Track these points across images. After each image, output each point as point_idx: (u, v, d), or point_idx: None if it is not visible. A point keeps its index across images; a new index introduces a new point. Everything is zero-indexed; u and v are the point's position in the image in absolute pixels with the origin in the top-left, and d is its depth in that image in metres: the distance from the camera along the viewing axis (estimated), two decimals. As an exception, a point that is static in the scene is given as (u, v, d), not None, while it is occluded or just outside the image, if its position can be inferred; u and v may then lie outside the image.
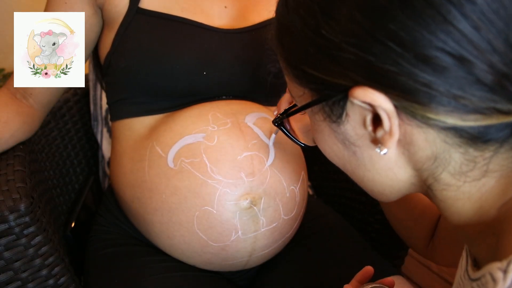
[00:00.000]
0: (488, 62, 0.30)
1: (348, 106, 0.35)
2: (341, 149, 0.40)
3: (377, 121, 0.35)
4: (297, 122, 0.60)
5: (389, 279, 0.55)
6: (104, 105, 0.96)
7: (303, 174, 0.70)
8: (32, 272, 0.63)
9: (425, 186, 0.39)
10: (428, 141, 0.34)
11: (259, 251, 0.65)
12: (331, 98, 0.36)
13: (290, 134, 0.55)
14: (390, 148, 0.36)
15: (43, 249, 0.63)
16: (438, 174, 0.36)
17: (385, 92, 0.32)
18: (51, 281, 0.65)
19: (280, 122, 0.54)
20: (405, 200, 0.64)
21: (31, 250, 0.61)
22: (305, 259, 0.73)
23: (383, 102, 0.32)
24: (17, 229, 0.59)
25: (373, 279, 0.65)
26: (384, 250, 0.82)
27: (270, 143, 0.65)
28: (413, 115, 0.33)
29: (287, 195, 0.65)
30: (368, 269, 0.56)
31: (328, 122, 0.38)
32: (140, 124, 0.70)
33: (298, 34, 0.36)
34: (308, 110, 0.41)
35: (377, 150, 0.37)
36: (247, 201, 0.61)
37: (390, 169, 0.38)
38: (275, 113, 0.67)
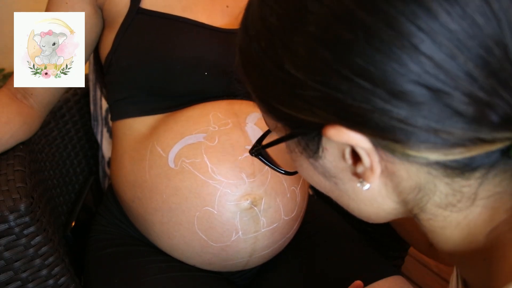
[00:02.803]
0: (467, 92, 0.27)
1: (324, 140, 0.33)
2: (322, 180, 0.38)
3: (357, 154, 0.33)
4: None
5: None
6: (104, 105, 0.95)
7: (304, 174, 0.70)
8: (32, 272, 0.63)
9: (411, 215, 0.37)
10: (410, 173, 0.32)
11: (259, 252, 0.65)
12: (304, 135, 0.34)
13: (269, 163, 0.51)
14: (372, 183, 0.34)
15: (43, 249, 0.63)
16: (424, 205, 0.34)
17: (359, 131, 0.30)
18: (51, 281, 0.65)
19: (258, 152, 0.50)
20: None
21: (31, 250, 0.61)
22: (305, 259, 0.73)
23: (359, 141, 0.30)
24: (17, 229, 0.59)
25: (373, 279, 0.66)
26: (384, 250, 0.82)
27: None
28: (392, 153, 0.31)
29: (288, 195, 0.65)
30: (358, 284, 0.55)
31: (305, 156, 0.36)
32: (141, 124, 0.70)
33: (262, 67, 0.33)
34: (284, 143, 0.38)
35: (358, 185, 0.35)
36: (248, 202, 0.61)
37: (374, 199, 0.36)
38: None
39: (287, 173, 0.51)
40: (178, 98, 0.69)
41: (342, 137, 0.30)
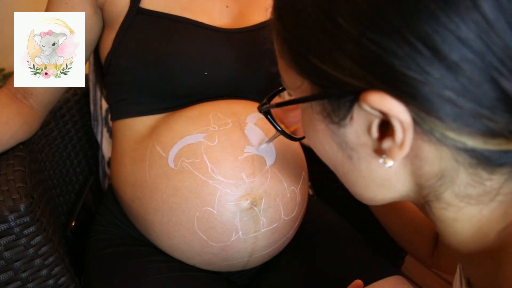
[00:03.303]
0: None
1: (355, 108, 0.31)
2: (335, 151, 0.35)
3: (384, 128, 0.31)
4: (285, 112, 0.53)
5: None
6: (104, 105, 0.96)
7: (304, 174, 0.70)
8: (32, 272, 0.63)
9: (422, 200, 0.35)
10: (437, 157, 0.31)
11: (259, 252, 0.65)
12: (337, 98, 0.32)
13: (276, 125, 0.48)
14: (396, 161, 0.32)
15: (43, 249, 0.63)
16: (441, 193, 0.33)
17: (404, 102, 0.28)
18: (51, 281, 0.65)
19: (267, 110, 0.47)
20: (399, 214, 0.63)
21: (31, 250, 0.61)
22: (305, 259, 0.73)
23: (401, 113, 0.28)
24: (17, 229, 0.59)
25: (373, 279, 0.66)
26: (384, 250, 0.82)
27: (261, 147, 0.63)
28: (431, 131, 0.29)
29: (288, 195, 0.65)
30: (358, 283, 0.55)
31: (327, 122, 0.34)
32: (141, 124, 0.70)
33: (307, 14, 0.30)
34: (304, 104, 0.36)
35: (380, 161, 0.33)
36: (248, 202, 0.61)
37: (388, 180, 0.35)
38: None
39: (292, 138, 0.48)
40: (178, 98, 0.69)
41: (384, 104, 0.28)
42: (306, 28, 0.31)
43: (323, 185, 1.01)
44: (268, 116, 0.47)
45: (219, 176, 0.61)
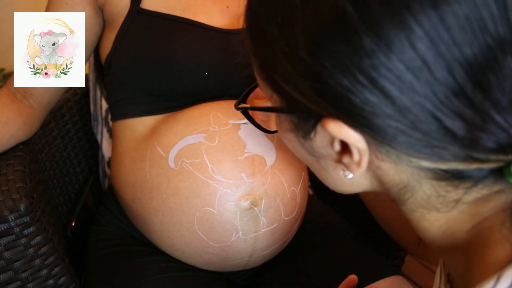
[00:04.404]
0: (457, 111, 0.27)
1: (319, 127, 0.33)
2: (305, 153, 0.37)
3: (346, 145, 0.32)
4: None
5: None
6: (104, 105, 0.95)
7: (304, 174, 0.70)
8: (32, 272, 0.63)
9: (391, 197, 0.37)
10: (397, 172, 0.33)
11: (259, 252, 0.65)
12: (300, 116, 0.34)
13: (253, 121, 0.50)
14: (356, 175, 0.35)
15: (43, 249, 0.63)
16: (405, 199, 0.35)
17: (360, 131, 0.30)
18: (51, 281, 0.65)
19: (244, 109, 0.49)
20: (385, 201, 0.64)
21: (31, 250, 0.61)
22: (305, 259, 0.73)
23: (357, 142, 0.31)
24: (17, 229, 0.59)
25: (373, 279, 0.66)
26: (384, 250, 0.82)
27: (236, 122, 0.63)
28: (387, 155, 0.31)
29: (288, 195, 0.65)
30: (353, 278, 0.55)
31: (295, 132, 0.36)
32: (141, 124, 0.70)
33: (273, 41, 0.31)
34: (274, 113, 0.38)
35: (341, 173, 0.35)
36: (248, 202, 0.61)
37: (355, 181, 0.37)
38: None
39: (268, 131, 0.51)
40: (178, 98, 0.69)
41: (341, 133, 0.30)
42: (273, 53, 0.32)
43: (323, 185, 1.01)
44: (244, 114, 0.49)
45: (219, 176, 0.61)
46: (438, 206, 0.33)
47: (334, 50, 0.28)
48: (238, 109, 0.48)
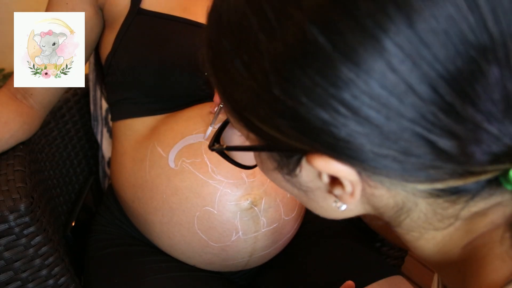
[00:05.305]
0: (446, 129, 0.26)
1: (303, 162, 0.30)
2: (291, 187, 0.35)
3: (335, 177, 0.30)
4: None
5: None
6: (104, 105, 0.95)
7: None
8: (32, 272, 0.63)
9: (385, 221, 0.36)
10: (392, 196, 0.31)
11: (259, 252, 0.65)
12: (283, 154, 0.31)
13: (230, 160, 0.46)
14: (349, 205, 0.33)
15: (43, 249, 0.63)
16: (401, 221, 0.33)
17: (349, 164, 0.28)
18: (51, 281, 0.65)
19: (219, 151, 0.44)
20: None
21: (31, 250, 0.61)
22: (305, 259, 0.73)
23: (348, 175, 0.29)
24: (17, 229, 0.59)
25: (373, 279, 0.66)
26: (384, 250, 0.82)
27: (208, 132, 0.62)
28: (381, 183, 0.30)
29: (288, 195, 0.65)
30: (349, 284, 0.55)
31: (278, 170, 0.33)
32: (141, 124, 0.70)
33: (241, 80, 0.29)
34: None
35: (333, 204, 0.33)
36: (248, 202, 0.61)
37: (346, 211, 0.35)
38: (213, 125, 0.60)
39: (247, 168, 0.46)
40: (179, 98, 0.69)
41: (328, 168, 0.28)
42: (240, 89, 0.29)
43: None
44: (222, 154, 0.45)
45: (219, 176, 0.61)
46: (436, 224, 0.32)
47: (310, 84, 0.26)
48: (212, 150, 0.43)
